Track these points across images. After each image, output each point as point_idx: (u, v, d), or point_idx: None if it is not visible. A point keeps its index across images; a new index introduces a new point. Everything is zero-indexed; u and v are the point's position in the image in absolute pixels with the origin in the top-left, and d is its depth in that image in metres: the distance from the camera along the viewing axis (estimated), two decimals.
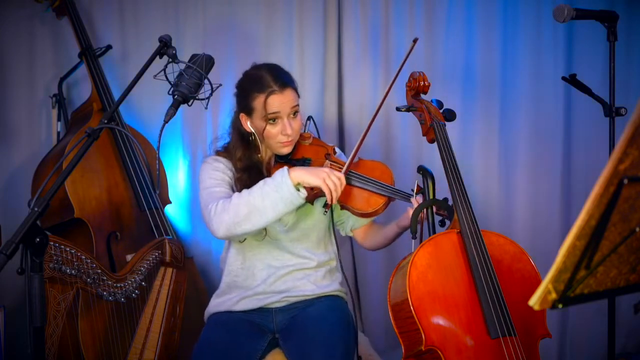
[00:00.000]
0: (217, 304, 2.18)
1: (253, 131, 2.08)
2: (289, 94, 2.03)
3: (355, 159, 2.18)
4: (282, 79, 2.03)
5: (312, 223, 2.14)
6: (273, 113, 2.00)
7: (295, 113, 2.05)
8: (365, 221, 2.23)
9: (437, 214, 2.02)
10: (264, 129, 2.03)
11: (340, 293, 2.21)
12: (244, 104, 2.07)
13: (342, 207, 2.09)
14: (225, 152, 2.16)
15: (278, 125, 2.03)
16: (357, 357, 2.04)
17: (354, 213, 2.07)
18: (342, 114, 3.04)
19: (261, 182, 1.94)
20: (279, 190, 1.89)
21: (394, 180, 2.12)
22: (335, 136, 3.01)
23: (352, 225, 2.26)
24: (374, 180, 2.08)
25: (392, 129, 3.03)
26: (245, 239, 2.11)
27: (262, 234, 2.09)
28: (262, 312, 2.13)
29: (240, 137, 2.12)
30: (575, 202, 3.13)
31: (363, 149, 2.08)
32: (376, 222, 2.27)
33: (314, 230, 2.16)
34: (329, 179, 1.89)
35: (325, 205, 1.98)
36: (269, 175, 2.07)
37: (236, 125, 2.14)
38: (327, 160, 2.12)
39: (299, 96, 2.08)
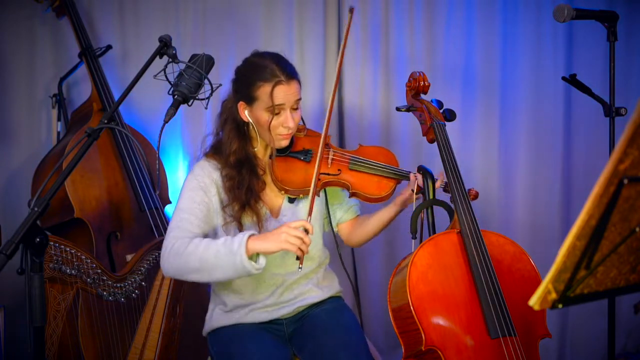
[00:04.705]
0: (225, 318, 2.06)
1: (250, 121, 1.98)
2: (294, 85, 1.93)
3: (356, 147, 2.17)
4: (289, 70, 1.93)
5: (312, 215, 2.00)
6: (279, 105, 1.90)
7: (297, 106, 1.96)
8: (352, 214, 2.17)
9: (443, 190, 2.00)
10: (265, 120, 1.92)
11: (340, 293, 2.18)
12: (245, 92, 1.94)
13: (352, 195, 2.07)
14: (214, 151, 2.04)
15: (280, 117, 1.92)
16: None
17: (366, 200, 2.06)
18: (342, 113, 3.03)
19: (221, 240, 1.82)
20: (232, 258, 1.78)
21: (398, 162, 2.13)
22: (335, 135, 3.00)
23: (339, 219, 2.17)
24: (381, 165, 2.08)
25: (392, 129, 3.03)
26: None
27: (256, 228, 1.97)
28: (273, 323, 2.06)
29: (235, 128, 2.01)
30: (575, 202, 3.13)
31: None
32: (360, 215, 2.20)
33: (315, 223, 2.04)
34: (290, 237, 1.76)
35: (298, 259, 1.81)
36: (262, 172, 2.02)
37: (231, 115, 2.01)
38: (330, 150, 2.08)
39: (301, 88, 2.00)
